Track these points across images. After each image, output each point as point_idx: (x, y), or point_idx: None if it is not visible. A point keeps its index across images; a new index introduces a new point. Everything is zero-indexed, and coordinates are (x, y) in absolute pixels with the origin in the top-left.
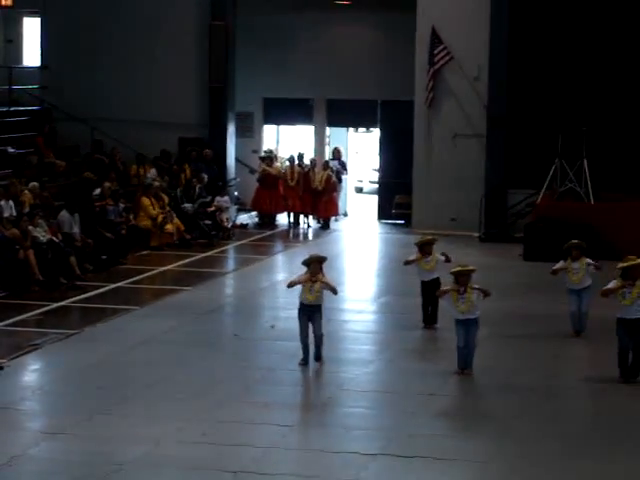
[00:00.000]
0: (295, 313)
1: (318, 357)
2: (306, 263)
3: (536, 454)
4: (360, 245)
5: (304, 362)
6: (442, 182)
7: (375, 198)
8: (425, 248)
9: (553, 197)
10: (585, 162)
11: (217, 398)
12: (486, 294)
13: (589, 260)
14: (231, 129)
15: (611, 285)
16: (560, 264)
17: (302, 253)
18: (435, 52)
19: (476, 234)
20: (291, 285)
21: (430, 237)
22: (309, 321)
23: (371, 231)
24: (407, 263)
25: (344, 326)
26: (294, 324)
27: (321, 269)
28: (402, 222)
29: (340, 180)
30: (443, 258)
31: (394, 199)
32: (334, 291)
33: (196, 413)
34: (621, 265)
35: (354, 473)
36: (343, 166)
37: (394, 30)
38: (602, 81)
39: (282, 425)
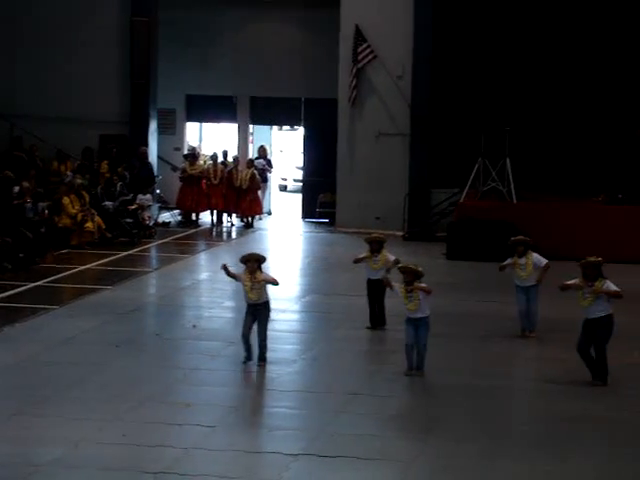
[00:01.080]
0: (217, 312)
1: (261, 357)
2: (243, 261)
3: (460, 454)
4: (284, 244)
5: (247, 360)
6: (366, 181)
7: (299, 197)
8: (373, 245)
9: (476, 196)
10: (508, 161)
11: (138, 398)
12: (427, 292)
13: (537, 256)
14: (153, 126)
15: (571, 281)
16: (507, 261)
17: (225, 252)
18: (359, 50)
19: (400, 233)
20: (230, 275)
21: (380, 236)
22: (254, 320)
23: (295, 230)
24: (357, 261)
25: (268, 325)
26: (216, 324)
27: (259, 267)
28: (326, 221)
29: (266, 179)
30: (393, 258)
31: (318, 198)
32: (274, 282)
33: (116, 414)
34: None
35: (276, 473)
36: (269, 164)
37: (318, 28)
38: (524, 81)
39: (204, 425)
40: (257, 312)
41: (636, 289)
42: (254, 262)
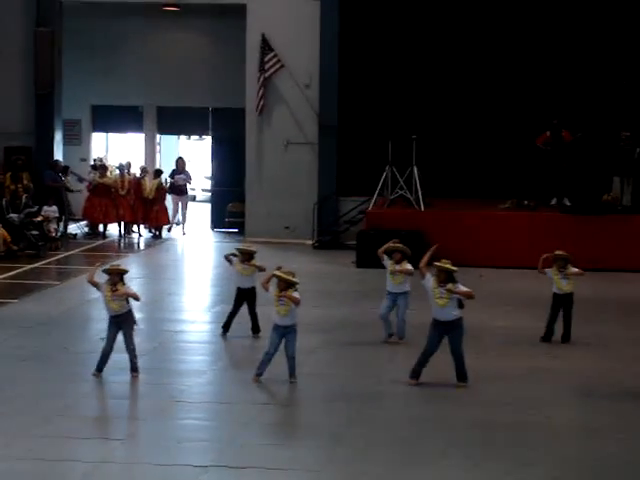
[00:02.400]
0: None
1: (133, 368)
2: (107, 272)
3: (368, 461)
4: (193, 254)
5: (98, 373)
6: (275, 190)
7: (208, 206)
8: (244, 256)
9: (384, 204)
10: (415, 169)
11: (45, 413)
12: (295, 302)
13: (409, 266)
14: (58, 137)
15: (427, 280)
16: (385, 260)
17: (133, 263)
18: (265, 60)
19: (310, 242)
20: (90, 281)
21: (252, 249)
22: (118, 331)
23: (204, 240)
24: (226, 258)
25: (177, 337)
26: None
27: (121, 280)
28: (235, 230)
29: (186, 191)
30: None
31: (227, 207)
32: (135, 297)
33: (22, 428)
34: (437, 264)
35: None
36: (188, 177)
37: (225, 37)
38: (431, 89)
39: (112, 439)
40: (120, 322)
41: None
42: (116, 275)
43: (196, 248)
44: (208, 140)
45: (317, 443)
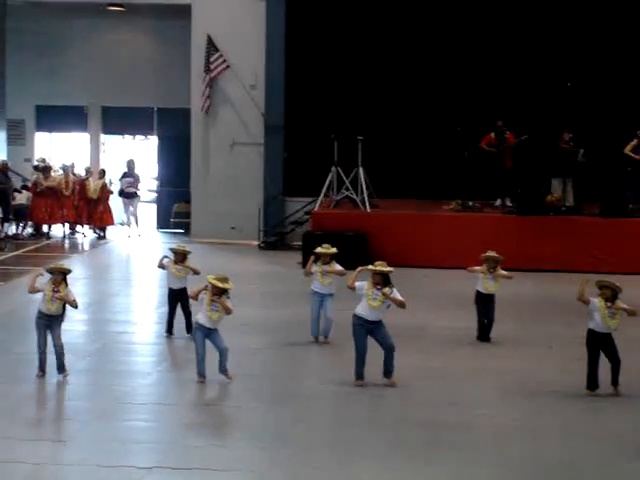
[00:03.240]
0: (69, 325)
1: (61, 368)
2: (49, 271)
3: (311, 461)
4: (138, 255)
5: (41, 374)
6: (221, 190)
7: (154, 207)
8: (178, 256)
9: (330, 205)
10: (361, 170)
11: None
12: (228, 312)
13: (338, 266)
14: (2, 137)
15: (360, 287)
16: (310, 264)
17: (77, 263)
18: (211, 60)
19: (256, 242)
20: (32, 291)
21: (186, 249)
22: (48, 331)
23: (150, 240)
24: (160, 266)
25: (121, 338)
26: (68, 336)
27: (64, 280)
28: (181, 231)
29: (135, 194)
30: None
31: (173, 208)
32: (73, 304)
33: None
34: (365, 268)
35: None
36: (137, 179)
37: (170, 37)
38: (377, 90)
39: (55, 440)
40: (51, 323)
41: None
42: (59, 274)
43: (141, 249)
44: (154, 140)
45: (260, 444)
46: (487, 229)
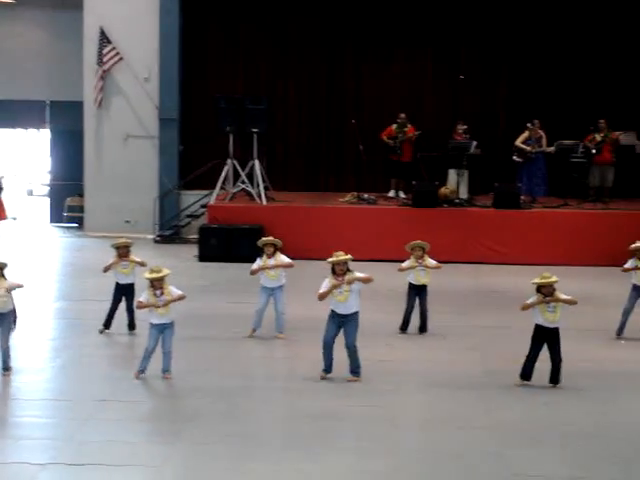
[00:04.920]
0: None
1: (6, 367)
2: None
3: (212, 456)
4: (31, 250)
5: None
6: (115, 184)
7: (47, 201)
8: (121, 251)
9: (226, 198)
10: (257, 163)
11: None
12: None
13: (284, 257)
14: None
15: (325, 286)
16: (256, 262)
17: None
18: (104, 52)
19: (151, 236)
20: None
21: (127, 240)
22: None
23: (43, 235)
24: (106, 270)
25: (18, 333)
26: None
27: (2, 275)
28: (75, 225)
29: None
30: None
31: (66, 202)
32: (19, 285)
33: None
34: (330, 260)
35: None
36: None
37: (63, 29)
38: (271, 82)
39: None
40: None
41: (385, 286)
42: None
43: (34, 243)
44: (46, 133)
45: (158, 439)
46: (382, 221)
